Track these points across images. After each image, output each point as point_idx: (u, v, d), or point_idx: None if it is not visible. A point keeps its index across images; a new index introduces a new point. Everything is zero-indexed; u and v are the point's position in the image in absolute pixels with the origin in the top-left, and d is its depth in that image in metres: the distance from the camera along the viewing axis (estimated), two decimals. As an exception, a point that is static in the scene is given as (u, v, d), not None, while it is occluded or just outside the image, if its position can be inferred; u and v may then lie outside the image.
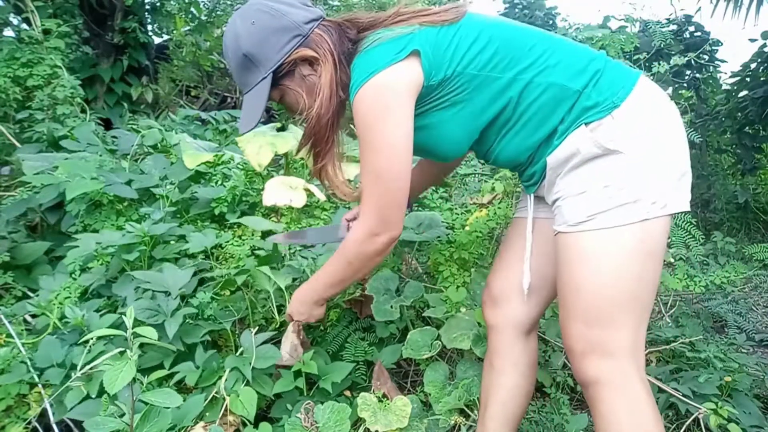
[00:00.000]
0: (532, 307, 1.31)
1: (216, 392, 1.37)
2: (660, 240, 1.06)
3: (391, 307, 1.62)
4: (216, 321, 1.53)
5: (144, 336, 1.04)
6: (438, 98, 1.12)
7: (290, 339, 1.44)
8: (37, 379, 1.42)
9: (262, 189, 1.72)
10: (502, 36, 1.11)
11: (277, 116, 5.08)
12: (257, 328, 1.52)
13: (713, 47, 4.79)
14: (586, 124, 1.06)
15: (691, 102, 4.81)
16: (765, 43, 4.37)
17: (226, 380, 1.38)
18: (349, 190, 1.25)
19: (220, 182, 2.10)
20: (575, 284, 1.08)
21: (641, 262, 1.05)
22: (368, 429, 1.36)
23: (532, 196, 1.26)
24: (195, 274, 1.63)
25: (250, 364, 1.40)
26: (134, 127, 2.96)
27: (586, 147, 1.05)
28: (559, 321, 1.15)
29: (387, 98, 1.05)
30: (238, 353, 1.46)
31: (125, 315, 1.07)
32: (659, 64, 2.06)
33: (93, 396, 1.32)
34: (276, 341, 1.53)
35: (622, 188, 1.03)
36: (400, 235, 1.18)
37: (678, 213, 1.08)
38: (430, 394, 1.52)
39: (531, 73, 1.09)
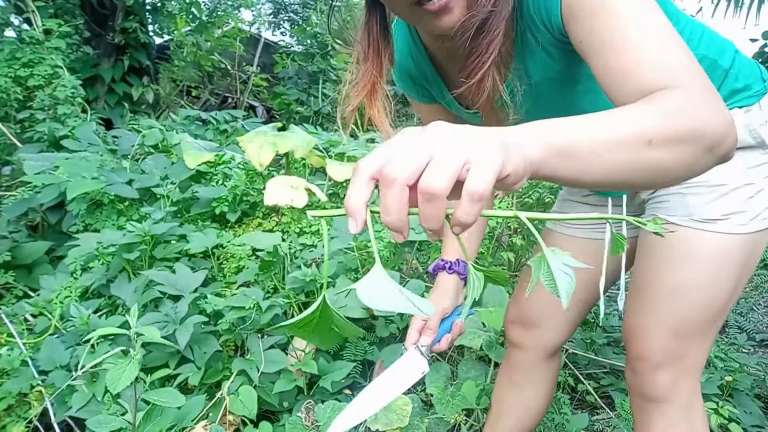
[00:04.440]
0: (566, 330, 1.22)
1: (220, 393, 1.37)
2: (761, 252, 0.96)
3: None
4: (233, 328, 1.52)
5: (147, 335, 1.04)
6: None
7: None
8: (40, 381, 1.42)
9: (263, 189, 1.72)
10: None
11: (278, 116, 5.08)
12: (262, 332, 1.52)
13: (714, 47, 4.78)
14: (739, 107, 0.91)
15: (691, 102, 4.82)
16: (766, 43, 4.37)
17: (232, 382, 1.39)
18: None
19: (220, 182, 2.11)
20: (680, 287, 0.94)
21: (745, 274, 0.95)
22: (369, 428, 1.36)
23: (624, 206, 1.06)
24: (213, 277, 1.64)
25: (258, 369, 1.41)
26: (135, 127, 2.97)
27: (740, 134, 0.89)
28: (632, 323, 1.01)
29: None
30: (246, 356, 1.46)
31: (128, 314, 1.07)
32: (660, 64, 2.06)
33: (99, 397, 1.32)
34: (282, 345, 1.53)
35: (761, 190, 0.91)
36: None
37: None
38: (431, 394, 1.52)
39: (684, 38, 0.80)
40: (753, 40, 4.43)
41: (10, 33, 3.61)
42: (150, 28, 4.93)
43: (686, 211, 0.94)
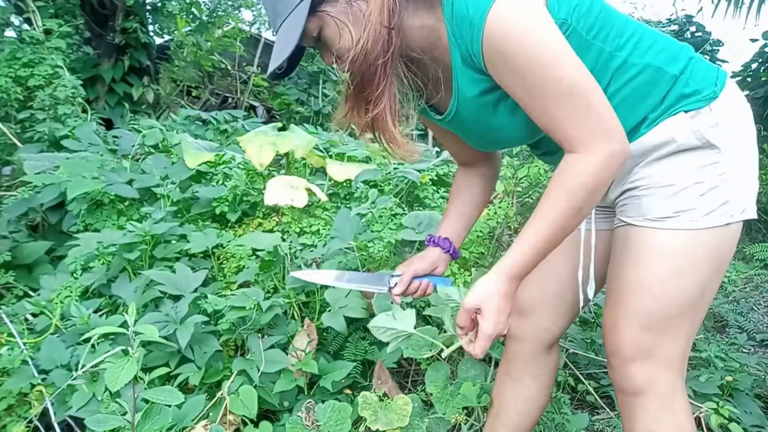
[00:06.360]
0: (561, 320, 1.24)
1: (220, 393, 1.38)
2: (733, 247, 1.01)
3: (392, 302, 1.62)
4: (233, 328, 1.51)
5: (145, 334, 1.04)
6: None
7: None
8: (41, 381, 1.42)
9: (263, 189, 1.72)
10: (600, 4, 0.97)
11: (278, 116, 5.08)
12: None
13: (714, 47, 4.80)
14: (685, 111, 0.96)
15: (691, 102, 4.82)
16: (766, 43, 4.37)
17: (232, 382, 1.39)
18: (411, 148, 1.01)
19: (221, 182, 2.11)
20: (641, 283, 1.00)
21: (713, 269, 0.99)
22: (369, 428, 1.36)
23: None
24: (213, 277, 1.64)
25: (259, 369, 1.41)
26: (135, 127, 2.97)
27: (684, 137, 0.96)
28: (607, 320, 1.06)
29: (529, 4, 0.87)
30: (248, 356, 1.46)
31: (126, 313, 1.07)
32: (660, 64, 2.06)
33: (99, 397, 1.32)
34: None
35: (714, 187, 0.96)
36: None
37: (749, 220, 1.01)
38: (431, 394, 1.52)
39: (627, 51, 0.96)
40: (753, 40, 4.43)
41: (10, 33, 3.62)
42: (150, 28, 4.94)
43: (640, 211, 1.01)
